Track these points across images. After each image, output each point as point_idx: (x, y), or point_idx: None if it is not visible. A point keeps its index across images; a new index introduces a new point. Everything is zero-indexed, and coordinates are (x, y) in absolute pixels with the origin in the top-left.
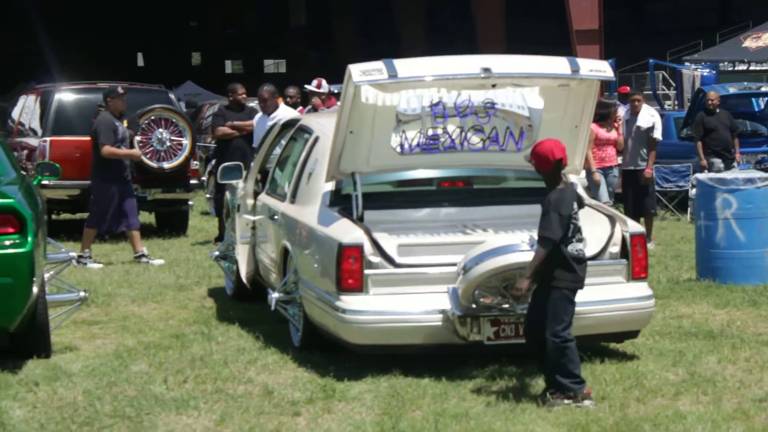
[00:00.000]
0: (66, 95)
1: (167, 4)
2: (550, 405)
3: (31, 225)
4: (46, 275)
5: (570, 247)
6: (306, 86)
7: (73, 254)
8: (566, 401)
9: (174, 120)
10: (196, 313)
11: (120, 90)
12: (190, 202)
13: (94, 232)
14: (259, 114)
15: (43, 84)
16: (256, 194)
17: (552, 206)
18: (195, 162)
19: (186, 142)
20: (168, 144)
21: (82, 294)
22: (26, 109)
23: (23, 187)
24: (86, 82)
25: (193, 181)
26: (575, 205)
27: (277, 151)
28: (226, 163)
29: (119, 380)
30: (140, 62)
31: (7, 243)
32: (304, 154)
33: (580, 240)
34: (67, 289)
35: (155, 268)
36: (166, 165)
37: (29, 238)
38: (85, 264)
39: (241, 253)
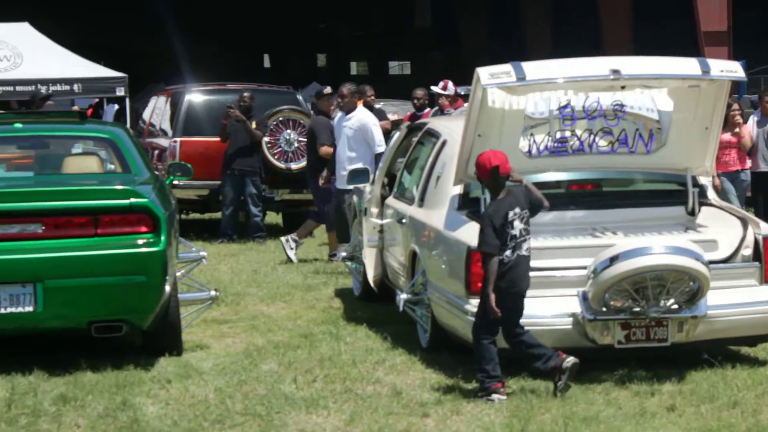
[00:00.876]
0: (196, 96)
1: (294, 6)
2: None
3: (164, 224)
4: (178, 274)
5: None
6: (432, 87)
7: (204, 253)
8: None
9: (302, 121)
10: (324, 313)
11: (326, 91)
12: None
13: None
14: (340, 113)
15: (173, 85)
16: (383, 198)
17: (486, 221)
18: None
19: None
20: (296, 145)
21: (213, 293)
22: (157, 110)
23: (156, 186)
24: (216, 83)
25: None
26: (516, 209)
27: (401, 154)
28: (354, 167)
29: (249, 379)
30: (266, 63)
31: (141, 242)
32: (431, 157)
33: (514, 247)
34: (198, 288)
35: (283, 268)
36: (293, 166)
37: (162, 237)
38: (335, 259)
39: (369, 257)
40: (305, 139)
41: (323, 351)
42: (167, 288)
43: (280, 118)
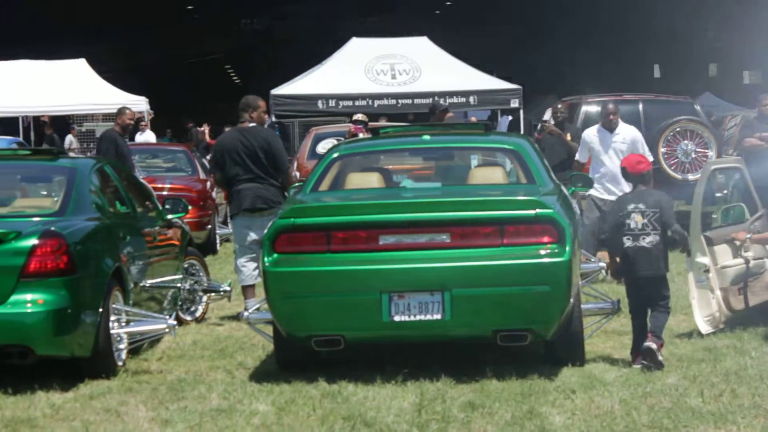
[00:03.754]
0: (593, 107)
1: (684, 16)
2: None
3: (569, 235)
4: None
5: None
6: None
7: (602, 264)
8: None
9: (699, 132)
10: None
11: None
12: None
13: None
14: (597, 128)
15: (567, 96)
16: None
17: None
18: None
19: (711, 153)
20: (693, 156)
21: (616, 304)
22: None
23: (560, 197)
24: (612, 93)
25: None
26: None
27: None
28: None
29: (654, 391)
30: (656, 74)
31: (546, 252)
32: None
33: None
34: (600, 299)
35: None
36: (690, 177)
37: (567, 248)
38: None
39: (699, 298)
40: (703, 150)
41: (728, 365)
42: (571, 298)
43: (677, 129)
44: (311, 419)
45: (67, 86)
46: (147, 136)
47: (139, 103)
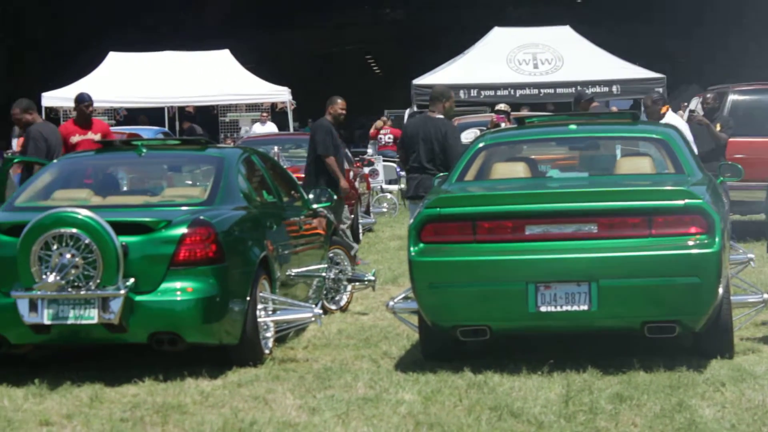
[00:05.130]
0: (740, 96)
1: None
2: None
3: (718, 226)
4: (729, 275)
5: None
6: None
7: (752, 255)
8: None
9: None
10: None
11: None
12: None
13: None
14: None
15: (716, 85)
16: None
17: None
18: None
19: None
20: None
21: (766, 296)
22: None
23: (710, 187)
24: (761, 82)
25: None
26: None
27: None
28: None
29: None
30: None
31: (695, 243)
32: None
33: None
34: (749, 291)
35: None
36: None
37: (716, 239)
38: None
39: None
40: None
41: None
42: (720, 290)
43: None
44: (458, 409)
45: (212, 77)
46: (269, 128)
47: (281, 94)
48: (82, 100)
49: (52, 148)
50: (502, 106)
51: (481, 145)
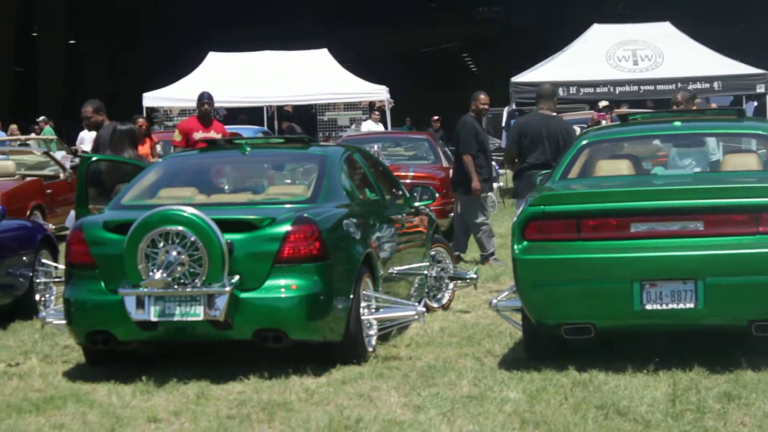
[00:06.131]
0: None
1: None
2: None
3: None
4: None
5: None
6: None
7: None
8: None
9: None
10: None
11: None
12: None
13: None
14: None
15: None
16: None
17: None
18: None
19: None
20: None
21: None
22: None
23: None
24: None
25: None
26: None
27: None
28: None
29: None
30: None
31: None
32: None
33: None
34: None
35: None
36: None
37: None
38: None
39: None
40: None
41: None
42: None
43: None
44: (563, 408)
45: (310, 76)
46: (369, 125)
47: (379, 92)
48: (201, 99)
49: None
50: (604, 103)
51: (584, 142)
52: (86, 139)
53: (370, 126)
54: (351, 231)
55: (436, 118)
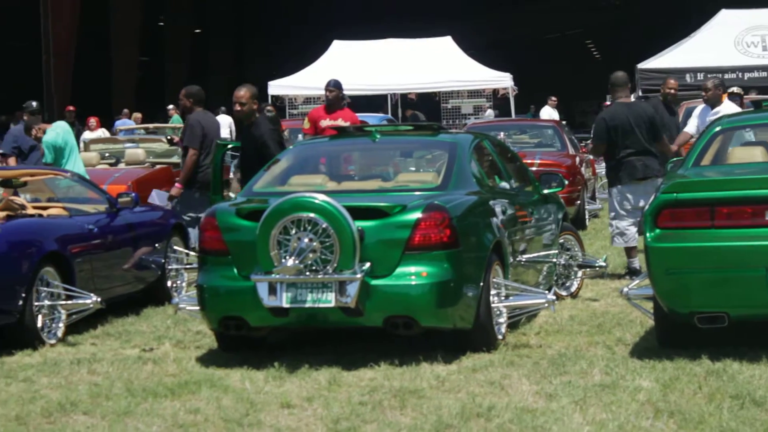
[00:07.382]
0: None
1: None
2: None
3: None
4: None
5: None
6: None
7: None
8: None
9: None
10: None
11: None
12: None
13: None
14: (703, 106)
15: None
16: None
17: None
18: None
19: None
20: None
21: None
22: None
23: None
24: None
25: None
26: None
27: None
28: None
29: None
30: None
31: None
32: None
33: None
34: None
35: None
36: None
37: None
38: None
39: None
40: None
41: None
42: None
43: None
44: (697, 397)
45: (434, 64)
46: (548, 112)
47: (503, 80)
48: (327, 86)
49: (209, 137)
50: (735, 89)
51: (717, 128)
52: (222, 124)
53: (549, 112)
54: (481, 218)
55: (554, 99)
